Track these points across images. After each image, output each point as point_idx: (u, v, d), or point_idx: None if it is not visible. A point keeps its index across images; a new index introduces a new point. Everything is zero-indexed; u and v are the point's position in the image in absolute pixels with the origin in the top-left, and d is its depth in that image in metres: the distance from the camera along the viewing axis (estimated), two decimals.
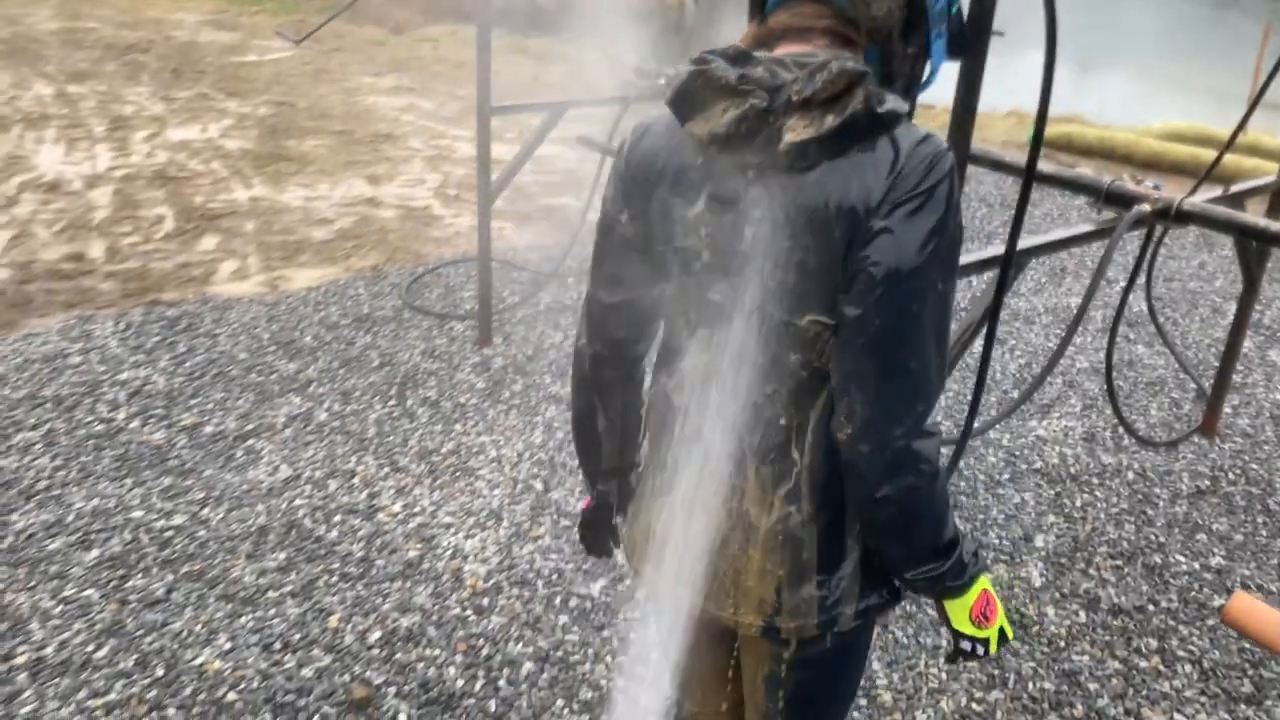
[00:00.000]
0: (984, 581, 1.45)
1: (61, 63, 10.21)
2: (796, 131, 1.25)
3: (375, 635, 2.83)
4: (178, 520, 3.29)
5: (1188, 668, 2.88)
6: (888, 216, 1.24)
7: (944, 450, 1.43)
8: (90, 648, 2.73)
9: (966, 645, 1.48)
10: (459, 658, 2.77)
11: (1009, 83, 5.59)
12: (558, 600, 3.03)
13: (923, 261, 1.25)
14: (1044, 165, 3.14)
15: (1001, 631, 1.49)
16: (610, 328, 1.55)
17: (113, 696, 2.57)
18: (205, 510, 3.35)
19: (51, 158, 7.10)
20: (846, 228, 1.26)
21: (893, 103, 1.27)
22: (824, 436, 1.38)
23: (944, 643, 2.92)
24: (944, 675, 2.80)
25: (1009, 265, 2.50)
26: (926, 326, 1.28)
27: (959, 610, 1.45)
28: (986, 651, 1.48)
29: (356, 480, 3.59)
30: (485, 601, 3.00)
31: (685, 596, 1.52)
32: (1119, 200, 3.05)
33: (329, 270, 5.51)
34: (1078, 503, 3.67)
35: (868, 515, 1.37)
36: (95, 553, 3.11)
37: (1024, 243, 2.71)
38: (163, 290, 5.09)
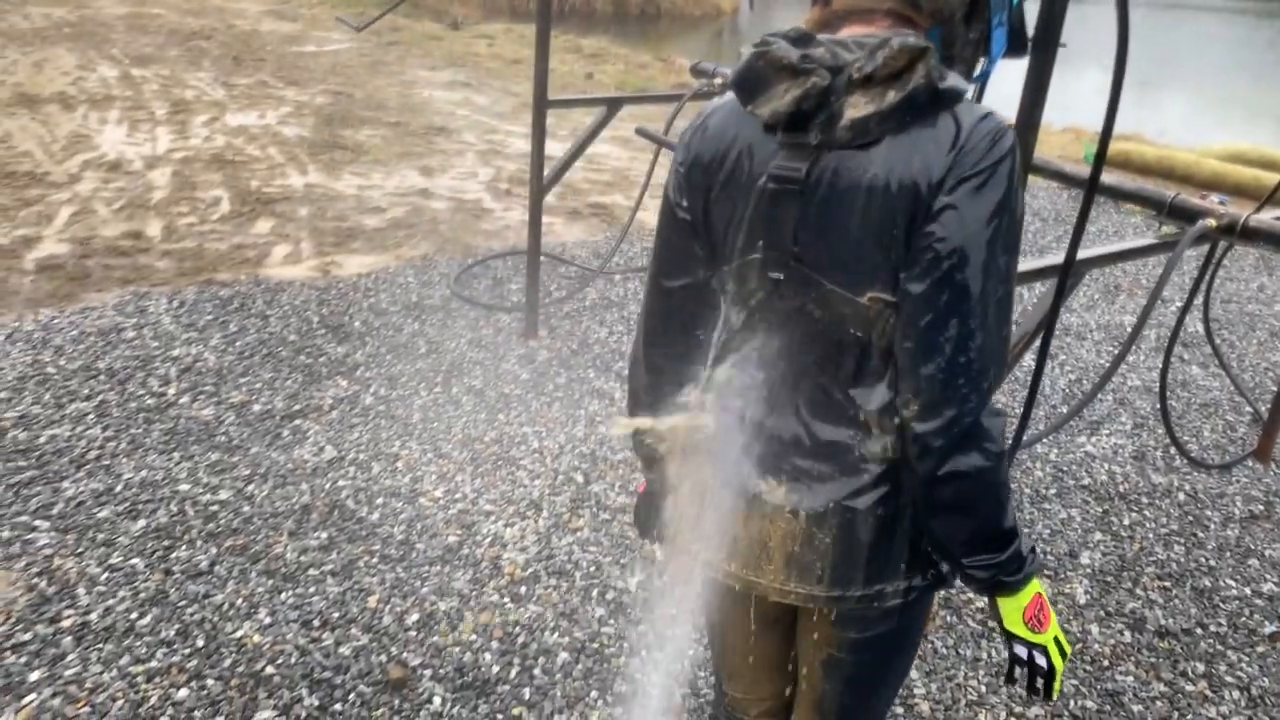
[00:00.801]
0: (1038, 584, 1.42)
1: (127, 47, 10.42)
2: (858, 108, 1.26)
3: (413, 618, 2.85)
4: (223, 495, 3.33)
5: (1235, 694, 2.81)
6: (951, 193, 1.24)
7: None
8: (134, 615, 2.77)
9: (1021, 650, 1.44)
10: (495, 644, 2.77)
11: (1065, 99, 5.52)
12: (595, 592, 3.02)
13: (988, 237, 1.25)
14: (1106, 177, 3.09)
15: (1060, 646, 1.45)
16: (670, 313, 1.54)
17: (154, 664, 2.61)
18: (250, 486, 3.39)
19: (114, 138, 7.24)
20: (908, 204, 1.26)
21: (954, 79, 1.27)
22: (890, 416, 1.37)
23: (984, 655, 2.87)
24: (983, 688, 2.76)
25: (1068, 273, 2.46)
26: (991, 303, 1.27)
27: (1012, 609, 1.42)
28: (1049, 665, 1.43)
29: (400, 464, 3.61)
30: (523, 589, 3.00)
31: (739, 576, 1.52)
32: (1182, 215, 2.99)
33: (380, 258, 5.56)
34: (1126, 521, 3.60)
35: (930, 495, 1.35)
36: (142, 523, 3.16)
37: (1083, 253, 2.66)
38: (217, 270, 5.16)
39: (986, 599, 1.46)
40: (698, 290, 1.50)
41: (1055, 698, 1.48)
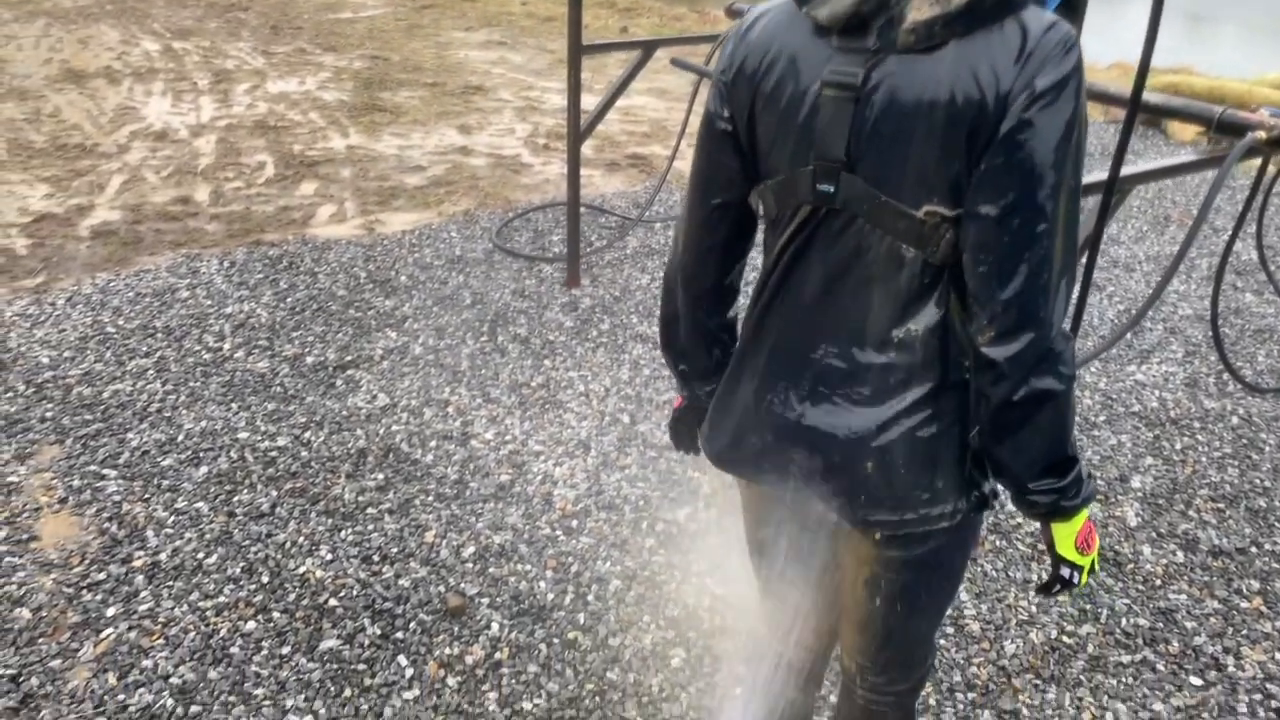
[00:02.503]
0: (1087, 511, 1.43)
1: (167, 21, 10.54)
2: (921, 10, 1.22)
3: (469, 551, 2.92)
4: (281, 442, 3.42)
5: None
6: (1026, 109, 1.20)
7: None
8: (201, 555, 2.87)
9: (1066, 572, 1.45)
10: (549, 574, 2.84)
11: (1116, 33, 5.40)
12: (644, 524, 3.07)
13: (1061, 156, 1.21)
14: (1153, 96, 3.04)
15: (1091, 566, 1.47)
16: (708, 232, 1.52)
17: (222, 599, 2.71)
18: (307, 434, 3.48)
19: (159, 108, 7.35)
20: (974, 115, 1.21)
21: None
22: (939, 337, 1.36)
23: (1034, 577, 2.88)
24: (1034, 608, 2.77)
25: (1112, 190, 2.43)
26: (1066, 223, 1.24)
27: (1066, 534, 1.42)
28: (1076, 583, 1.46)
29: (450, 409, 3.68)
30: (574, 523, 3.06)
31: (785, 495, 1.52)
32: (1231, 130, 2.93)
33: (422, 215, 5.61)
34: (1177, 446, 3.57)
35: (1001, 420, 1.33)
36: (204, 469, 3.26)
37: (1127, 169, 2.63)
38: (264, 232, 5.25)
39: (1039, 524, 1.46)
40: (737, 208, 1.49)
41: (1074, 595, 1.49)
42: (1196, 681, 2.55)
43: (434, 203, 5.79)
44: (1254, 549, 3.05)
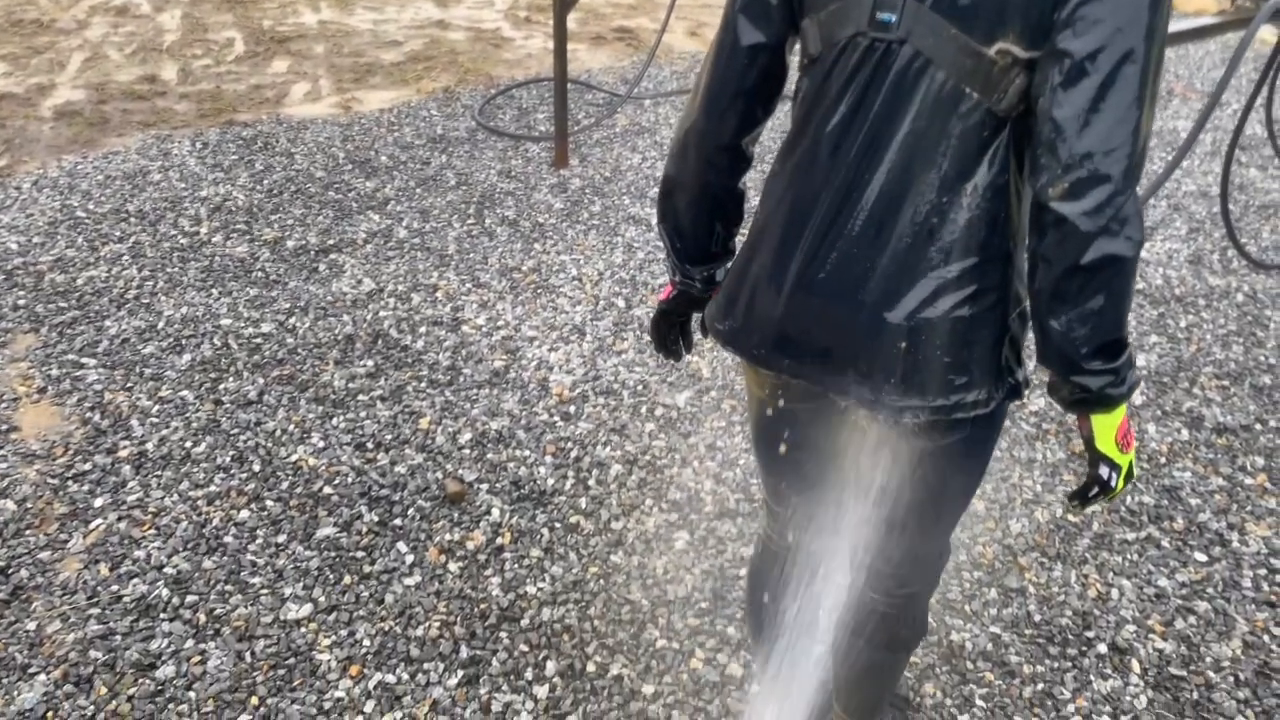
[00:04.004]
0: (1125, 404, 1.32)
1: None
2: None
3: (466, 437, 2.85)
4: (265, 328, 3.31)
5: None
6: None
7: None
8: (189, 444, 2.79)
9: (1104, 472, 1.33)
10: (549, 459, 2.78)
11: None
12: (643, 409, 3.01)
13: None
14: None
15: (1129, 469, 1.35)
16: (735, 77, 1.38)
17: (213, 488, 2.64)
18: (291, 319, 3.37)
19: None
20: None
21: None
22: (992, 202, 1.24)
23: (1039, 457, 2.85)
24: (1039, 487, 2.75)
25: None
26: (1155, 69, 1.13)
27: (1107, 428, 1.30)
28: (1114, 486, 1.34)
29: (439, 294, 3.56)
30: (572, 409, 2.99)
31: (809, 376, 1.40)
32: None
33: (401, 92, 5.39)
34: (1182, 324, 3.51)
35: (1060, 288, 1.20)
36: (187, 357, 3.15)
37: None
38: (237, 111, 5.03)
39: (1078, 419, 1.34)
40: (769, 54, 1.36)
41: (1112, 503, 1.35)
42: (1201, 557, 2.54)
43: (412, 79, 5.56)
44: (1258, 426, 3.02)
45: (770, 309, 1.39)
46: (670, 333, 1.73)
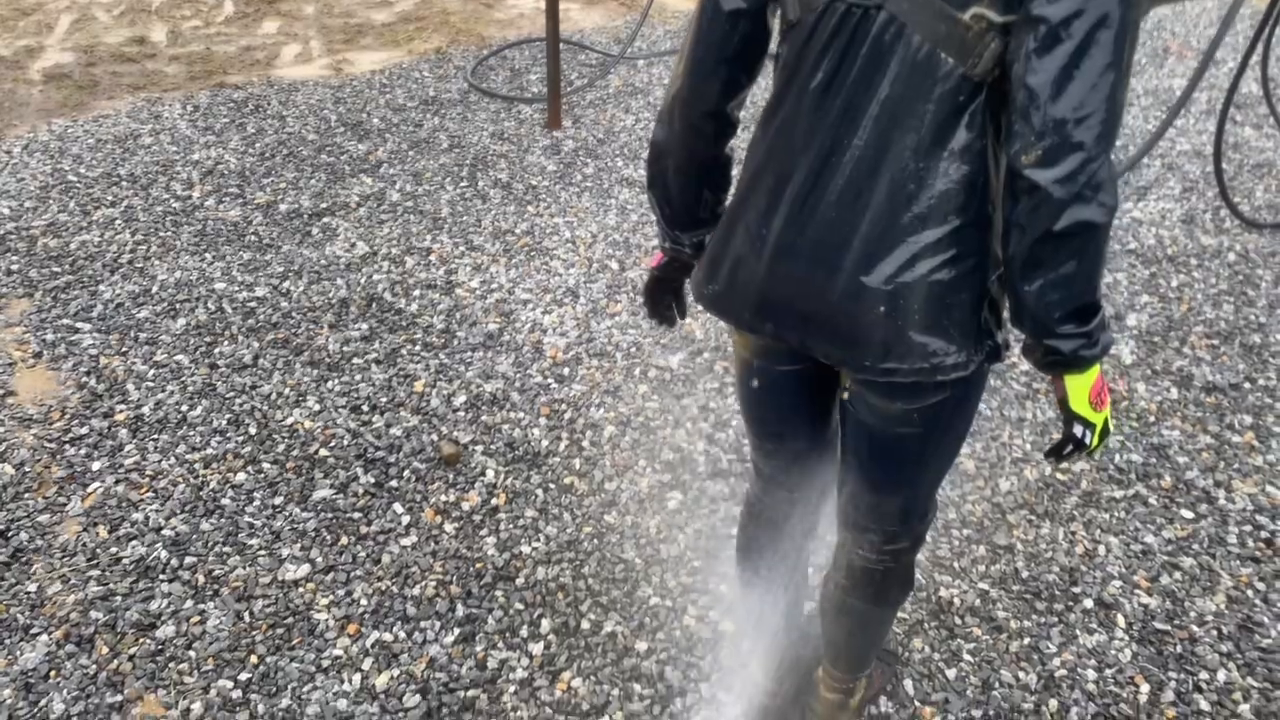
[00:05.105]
0: (1099, 365, 1.34)
1: None
2: None
3: (460, 399, 2.87)
4: (260, 292, 3.32)
5: None
6: None
7: None
8: (185, 408, 2.81)
9: (1078, 430, 1.35)
10: (543, 420, 2.80)
11: None
12: (637, 371, 3.02)
13: None
14: None
15: (1105, 427, 1.38)
16: (718, 45, 1.39)
17: (210, 451, 2.66)
18: (286, 283, 3.37)
19: None
20: None
21: None
22: (969, 165, 1.25)
23: (1029, 415, 2.87)
24: (1028, 446, 2.77)
25: None
26: (1129, 34, 1.13)
27: (1080, 388, 1.33)
28: (1089, 443, 1.36)
29: (433, 257, 3.56)
30: (566, 371, 3.01)
31: (792, 339, 1.42)
32: None
33: (392, 54, 5.34)
34: (1174, 283, 3.53)
35: (1033, 254, 1.21)
36: (182, 321, 3.16)
37: None
38: (227, 73, 4.99)
39: (1051, 380, 1.36)
40: (750, 20, 1.37)
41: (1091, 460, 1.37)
42: (1188, 514, 2.57)
43: (403, 40, 5.51)
44: (1247, 384, 3.04)
45: (752, 274, 1.41)
46: (663, 299, 1.75)
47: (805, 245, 1.35)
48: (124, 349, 3.03)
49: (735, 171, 1.53)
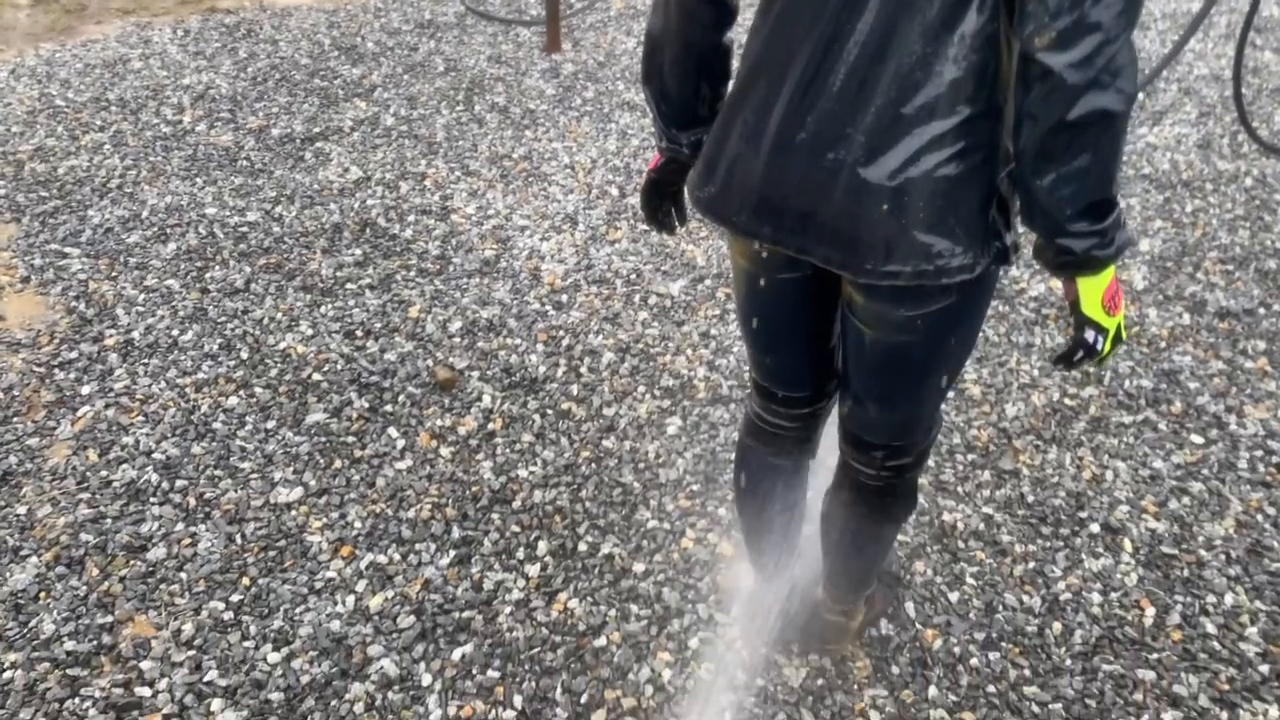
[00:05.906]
0: (1114, 267, 1.27)
1: None
2: None
3: (456, 325, 2.81)
4: (251, 217, 3.25)
5: None
6: None
7: None
8: (175, 332, 2.75)
9: (1089, 335, 1.29)
10: (540, 347, 2.75)
11: None
12: (637, 298, 2.96)
13: None
14: None
15: (1118, 333, 1.31)
16: None
17: (201, 375, 2.61)
18: (278, 208, 3.30)
19: None
20: None
21: None
22: (979, 52, 1.17)
23: (1037, 341, 2.81)
24: (1036, 372, 2.72)
25: None
26: None
27: (1093, 290, 1.26)
28: (1100, 349, 1.30)
29: (428, 183, 3.48)
30: (564, 298, 2.95)
31: (791, 243, 1.34)
32: None
33: None
34: (1188, 209, 3.44)
35: (1047, 144, 1.14)
36: (173, 246, 3.10)
37: None
38: None
39: (1063, 282, 1.29)
40: None
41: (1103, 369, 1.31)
42: (1198, 439, 2.52)
43: None
44: (1261, 310, 2.97)
45: (749, 172, 1.34)
46: (662, 204, 1.68)
47: (805, 140, 1.27)
48: (113, 274, 2.97)
49: (735, 66, 1.45)
